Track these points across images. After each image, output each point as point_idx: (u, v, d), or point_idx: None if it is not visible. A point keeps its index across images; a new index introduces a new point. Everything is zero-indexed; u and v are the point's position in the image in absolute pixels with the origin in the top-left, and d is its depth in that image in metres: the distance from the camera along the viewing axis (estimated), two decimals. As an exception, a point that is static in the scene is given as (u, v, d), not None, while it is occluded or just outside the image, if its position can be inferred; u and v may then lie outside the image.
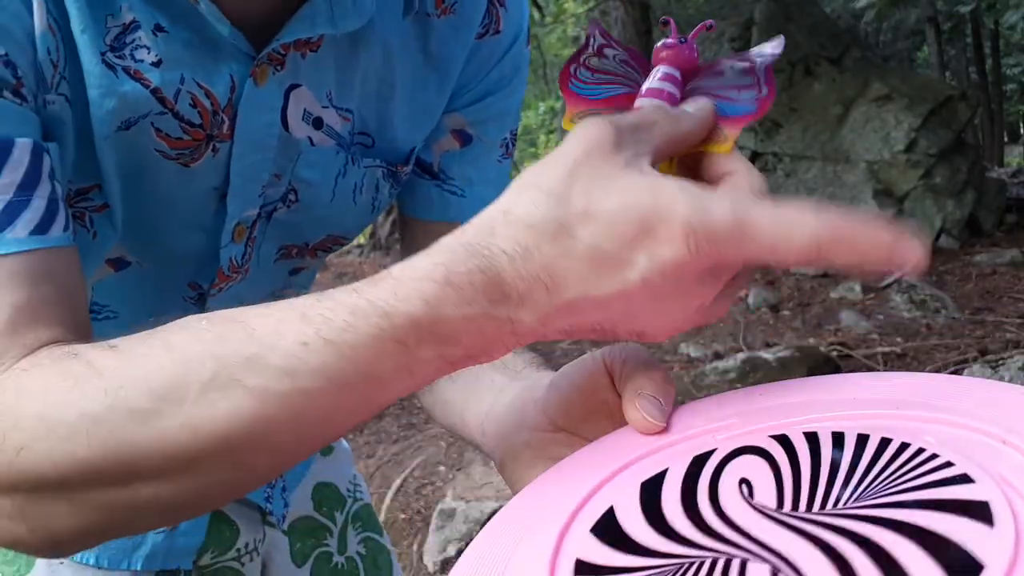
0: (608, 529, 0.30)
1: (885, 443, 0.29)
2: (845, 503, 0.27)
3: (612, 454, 0.36)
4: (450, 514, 2.26)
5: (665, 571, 0.26)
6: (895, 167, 4.97)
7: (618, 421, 0.39)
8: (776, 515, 0.28)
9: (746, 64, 0.40)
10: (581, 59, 0.40)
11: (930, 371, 2.82)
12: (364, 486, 0.84)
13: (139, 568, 0.63)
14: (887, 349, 3.14)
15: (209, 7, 0.45)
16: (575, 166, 0.31)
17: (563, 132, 0.35)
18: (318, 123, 0.52)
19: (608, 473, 0.34)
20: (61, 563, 0.61)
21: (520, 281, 0.31)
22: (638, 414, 0.37)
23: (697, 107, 0.37)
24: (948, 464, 0.27)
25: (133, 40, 0.45)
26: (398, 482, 2.57)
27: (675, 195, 0.30)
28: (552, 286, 0.31)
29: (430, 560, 2.18)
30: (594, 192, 0.31)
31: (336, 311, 0.32)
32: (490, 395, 0.50)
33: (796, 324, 3.73)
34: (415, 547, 2.27)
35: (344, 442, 0.87)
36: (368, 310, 0.32)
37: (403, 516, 2.42)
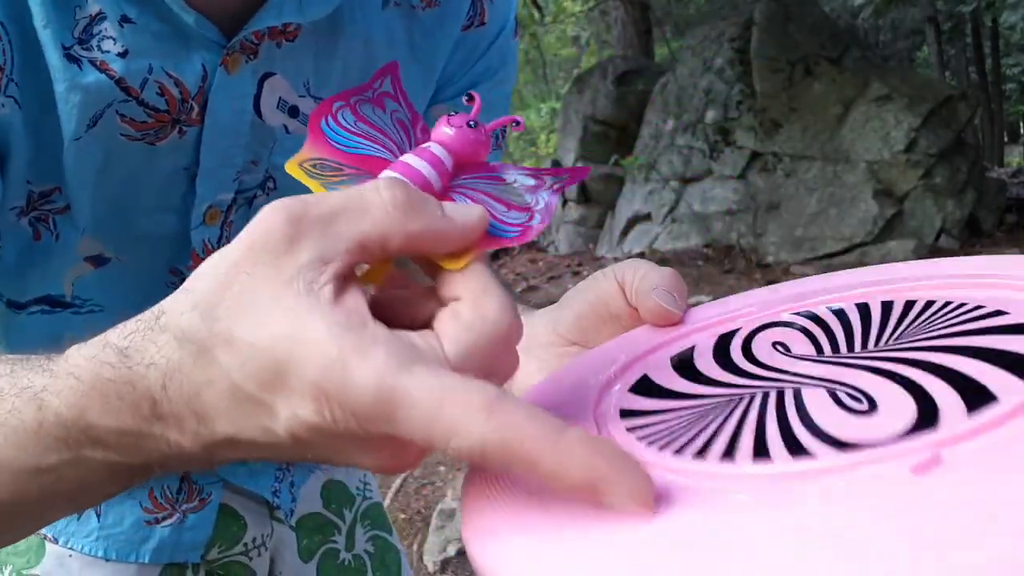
0: (647, 387, 0.29)
1: (929, 304, 0.28)
2: (887, 343, 0.27)
3: (632, 344, 0.35)
4: (450, 514, 2.26)
5: (719, 403, 0.26)
6: (895, 167, 4.97)
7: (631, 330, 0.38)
8: (817, 358, 0.27)
9: (534, 183, 0.33)
10: (351, 100, 0.33)
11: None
12: (374, 484, 0.83)
13: (147, 561, 0.64)
14: (887, 349, 3.14)
15: None
16: (231, 271, 0.25)
17: (563, 132, 0.32)
18: (294, 111, 0.52)
19: (635, 354, 0.33)
20: (70, 555, 0.62)
21: (170, 404, 0.26)
22: (654, 303, 0.36)
23: (467, 212, 0.28)
24: (1000, 312, 0.26)
25: (100, 31, 0.45)
26: (398, 482, 2.57)
27: (316, 344, 0.23)
28: (202, 418, 0.26)
29: (430, 560, 2.18)
30: (239, 313, 0.24)
31: (9, 390, 0.30)
32: None
33: (796, 324, 3.74)
34: (415, 547, 2.27)
35: None
36: (28, 396, 0.29)
37: (403, 516, 2.42)
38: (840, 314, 0.31)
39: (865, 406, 0.23)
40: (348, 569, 0.76)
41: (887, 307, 0.30)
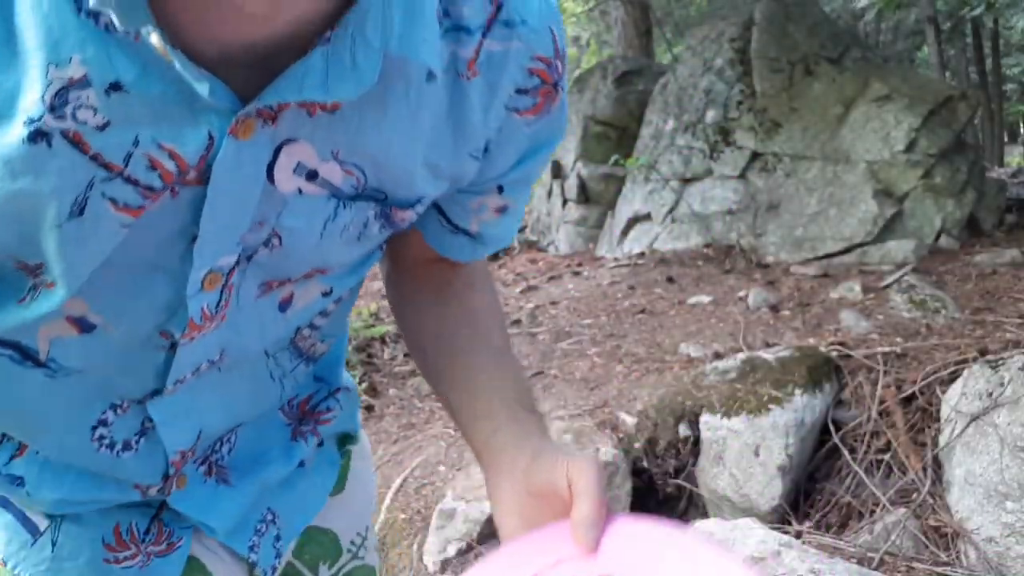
0: None
1: None
2: None
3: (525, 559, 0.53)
4: (450, 514, 2.26)
5: None
6: (895, 167, 4.96)
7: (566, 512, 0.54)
8: None
9: None
10: None
11: (930, 371, 2.82)
12: (373, 544, 0.73)
13: None
14: (887, 349, 3.14)
15: (185, 63, 0.37)
16: None
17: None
18: (312, 175, 0.46)
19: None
20: None
21: None
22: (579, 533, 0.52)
23: None
24: None
25: (78, 99, 0.37)
26: (398, 482, 2.57)
27: None
28: None
29: (430, 560, 2.18)
30: None
31: None
32: (488, 426, 0.59)
33: (796, 324, 3.73)
34: (415, 547, 2.27)
35: (372, 483, 0.76)
36: None
37: (403, 516, 2.42)
38: None
39: None
40: None
41: None
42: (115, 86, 0.37)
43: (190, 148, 0.41)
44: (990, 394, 2.46)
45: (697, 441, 2.90)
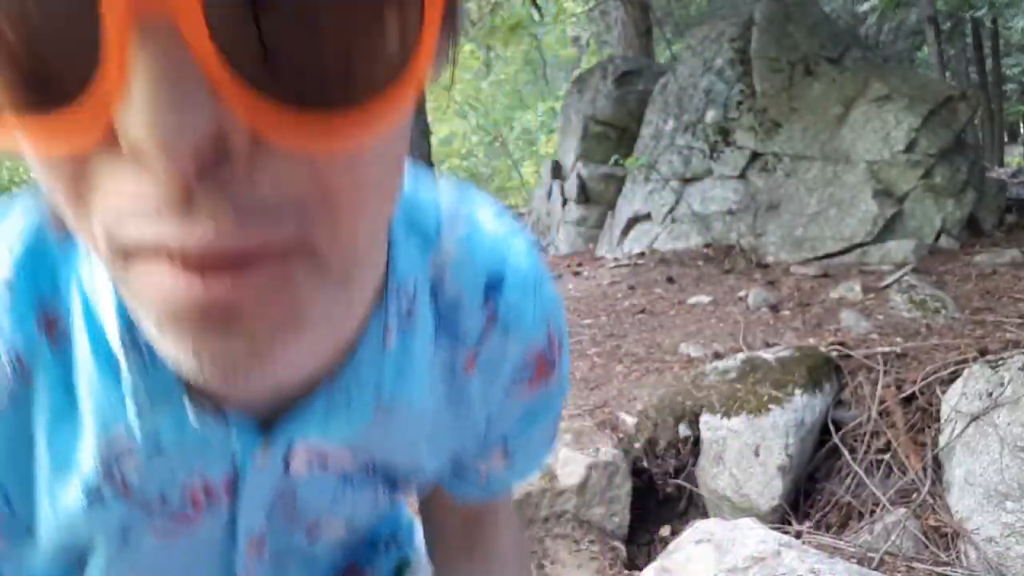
0: None
1: None
2: None
3: None
4: None
5: None
6: (895, 167, 4.97)
7: None
8: None
9: None
10: None
11: (930, 371, 2.82)
12: None
13: None
14: (887, 349, 3.14)
15: (212, 424, 0.42)
16: None
17: (563, 132, 0.32)
18: (323, 463, 0.49)
19: None
20: None
21: None
22: None
23: None
24: None
25: (126, 461, 0.42)
26: (398, 482, 2.57)
27: None
28: None
29: (430, 560, 2.18)
30: None
31: None
32: None
33: (796, 324, 3.73)
34: (415, 547, 2.27)
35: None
36: None
37: (403, 516, 2.41)
38: None
39: None
40: None
41: None
42: (157, 450, 0.42)
43: (217, 476, 0.45)
44: (990, 394, 2.46)
45: (697, 441, 2.90)
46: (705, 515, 2.79)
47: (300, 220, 0.28)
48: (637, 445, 2.85)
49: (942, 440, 2.56)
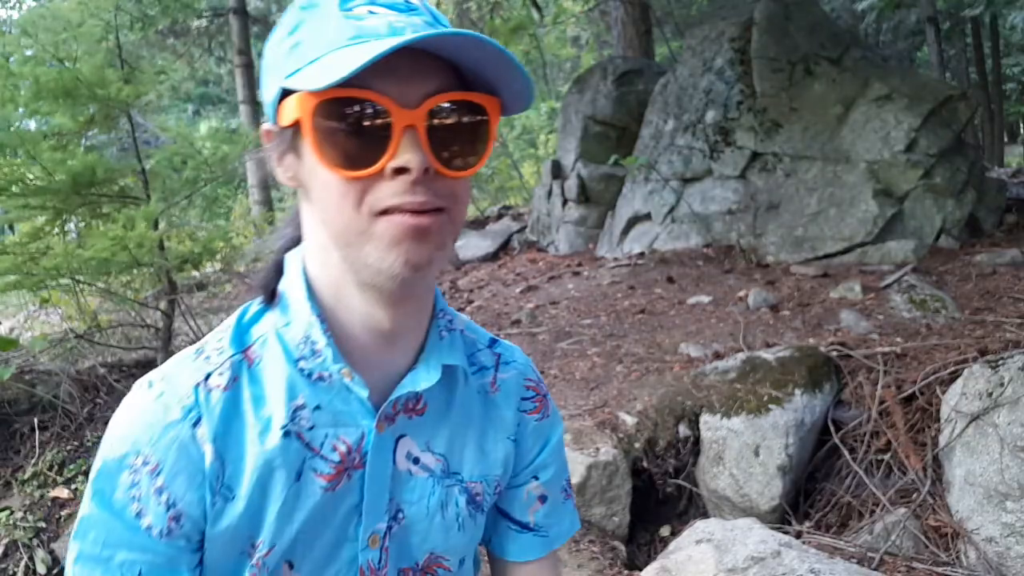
0: None
1: None
2: None
3: None
4: None
5: None
6: (895, 167, 4.96)
7: None
8: None
9: None
10: None
11: (930, 371, 2.83)
12: None
13: None
14: (887, 349, 3.14)
15: (358, 380, 0.70)
16: None
17: (563, 132, 0.33)
18: (416, 460, 0.76)
19: None
20: None
21: None
22: None
23: None
24: None
25: (301, 415, 0.70)
26: None
27: None
28: None
29: (430, 560, 2.18)
30: None
31: None
32: None
33: (796, 324, 3.73)
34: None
35: None
36: None
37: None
38: None
39: None
40: None
41: None
42: (318, 408, 0.70)
43: (352, 438, 0.72)
44: (990, 394, 2.46)
45: (697, 441, 2.90)
46: (705, 515, 2.78)
47: (448, 201, 0.64)
48: (637, 445, 2.85)
49: (942, 440, 2.56)
